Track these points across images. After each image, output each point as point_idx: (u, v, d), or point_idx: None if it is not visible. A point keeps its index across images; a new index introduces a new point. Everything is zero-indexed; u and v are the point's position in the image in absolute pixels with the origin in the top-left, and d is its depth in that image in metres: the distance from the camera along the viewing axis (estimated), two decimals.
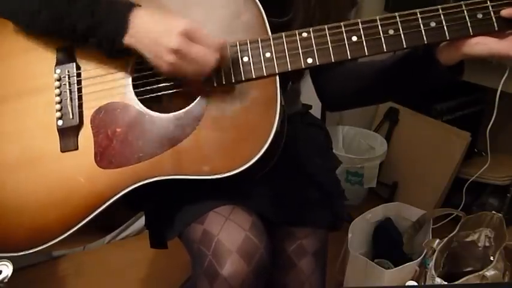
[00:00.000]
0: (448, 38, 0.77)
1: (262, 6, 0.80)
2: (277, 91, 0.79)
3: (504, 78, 1.64)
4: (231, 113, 0.80)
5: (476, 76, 1.72)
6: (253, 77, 0.80)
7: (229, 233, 0.81)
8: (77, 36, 0.79)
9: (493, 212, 1.45)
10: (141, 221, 1.80)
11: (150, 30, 0.76)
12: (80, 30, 0.78)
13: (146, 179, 0.80)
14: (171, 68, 0.76)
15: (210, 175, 0.79)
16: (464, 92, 2.01)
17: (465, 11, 0.76)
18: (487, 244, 1.45)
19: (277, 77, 0.80)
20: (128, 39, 0.76)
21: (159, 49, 0.75)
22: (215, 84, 0.80)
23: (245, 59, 0.80)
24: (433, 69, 0.82)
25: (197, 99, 0.82)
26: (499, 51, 0.75)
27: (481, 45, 0.76)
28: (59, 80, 0.85)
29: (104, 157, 0.82)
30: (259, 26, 0.80)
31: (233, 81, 0.80)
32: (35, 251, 0.82)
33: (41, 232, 0.82)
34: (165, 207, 0.92)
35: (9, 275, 0.79)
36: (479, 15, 0.76)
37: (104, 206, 0.81)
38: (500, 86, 1.65)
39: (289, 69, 0.79)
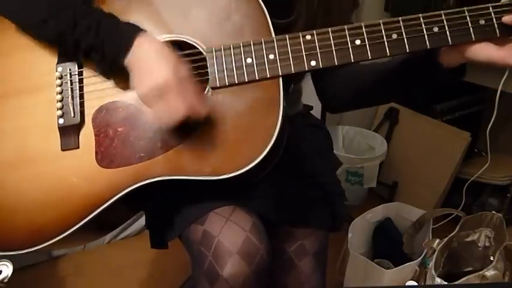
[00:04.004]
0: (450, 43, 0.77)
1: (265, 7, 0.80)
2: (279, 93, 0.79)
3: (504, 78, 1.64)
4: (234, 114, 0.80)
5: (476, 76, 1.72)
6: (256, 78, 0.79)
7: (229, 234, 0.81)
8: (79, 51, 0.80)
9: (493, 212, 1.45)
10: (141, 221, 1.80)
11: (141, 65, 0.77)
12: (84, 46, 0.79)
13: (147, 179, 0.80)
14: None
15: (211, 176, 0.79)
16: (464, 92, 2.02)
17: (468, 17, 0.76)
18: (487, 244, 1.46)
19: (280, 79, 0.80)
20: (128, 62, 0.77)
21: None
22: (218, 85, 0.80)
23: (248, 60, 0.80)
24: (435, 71, 0.82)
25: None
26: (496, 59, 0.75)
27: (481, 52, 0.75)
28: (61, 78, 0.85)
29: (105, 156, 0.82)
30: (263, 28, 0.80)
31: (236, 82, 0.80)
32: (34, 250, 0.82)
33: (40, 231, 0.82)
34: (166, 208, 0.92)
35: (9, 275, 0.79)
36: (482, 21, 0.76)
37: (103, 206, 0.80)
38: (500, 86, 1.65)
39: (293, 72, 0.79)
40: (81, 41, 0.79)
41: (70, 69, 0.84)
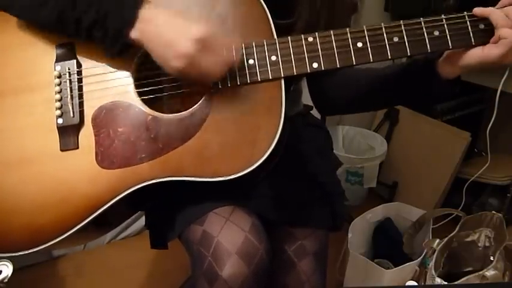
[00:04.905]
0: (450, 47, 0.78)
1: (266, 7, 0.80)
2: (281, 93, 0.79)
3: (504, 78, 1.64)
4: (235, 115, 0.80)
5: (476, 76, 1.72)
6: (259, 80, 0.80)
7: (229, 234, 0.81)
8: (82, 30, 0.78)
9: (493, 212, 1.45)
10: (141, 221, 1.80)
11: (162, 30, 0.74)
12: (86, 23, 0.76)
13: (148, 180, 0.80)
14: (176, 73, 0.75)
15: (212, 177, 0.79)
16: (464, 92, 2.01)
17: (468, 22, 0.77)
18: (487, 244, 1.45)
19: (282, 80, 0.80)
20: (135, 34, 0.75)
21: (169, 52, 0.73)
22: (220, 86, 0.80)
23: (251, 61, 0.80)
24: (433, 82, 0.84)
25: (201, 100, 0.82)
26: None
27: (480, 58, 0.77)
28: (59, 77, 0.84)
29: (105, 157, 0.82)
30: (265, 29, 0.80)
31: (238, 83, 0.80)
32: (34, 251, 0.81)
33: (40, 233, 0.81)
34: (166, 208, 0.92)
35: (9, 275, 0.79)
36: (481, 26, 0.77)
37: (104, 208, 0.80)
38: (500, 86, 1.65)
39: (295, 73, 0.79)
40: (82, 18, 0.76)
41: (69, 68, 0.84)
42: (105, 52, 0.80)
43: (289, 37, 0.80)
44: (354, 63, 0.79)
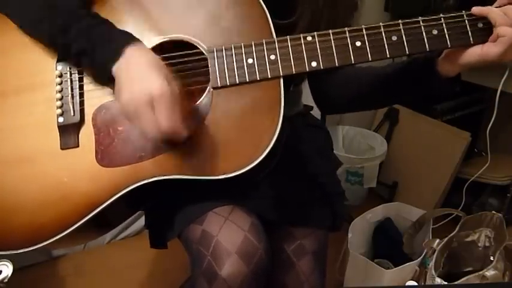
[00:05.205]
0: (449, 46, 0.78)
1: (266, 7, 0.81)
2: (280, 93, 0.80)
3: (504, 78, 1.64)
4: (235, 114, 0.80)
5: (476, 76, 1.72)
6: (258, 78, 0.80)
7: (228, 234, 0.81)
8: (70, 55, 0.80)
9: (493, 212, 1.45)
10: (141, 221, 1.80)
11: (133, 69, 0.74)
12: (75, 50, 0.78)
13: (147, 178, 0.80)
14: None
15: (211, 176, 0.79)
16: (464, 92, 2.01)
17: (466, 21, 0.77)
18: (487, 244, 1.46)
19: (281, 79, 0.80)
20: (116, 69, 0.75)
21: (126, 86, 0.74)
22: (219, 85, 0.80)
23: (250, 60, 0.80)
24: (432, 80, 0.84)
25: (201, 99, 0.82)
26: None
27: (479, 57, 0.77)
28: (60, 76, 0.84)
29: (105, 155, 0.82)
30: (264, 28, 0.81)
31: (237, 82, 0.80)
32: (33, 249, 0.81)
33: (40, 230, 0.81)
34: (165, 207, 0.92)
35: (9, 275, 0.79)
36: (480, 25, 0.77)
37: (103, 205, 0.80)
38: (500, 86, 1.65)
39: (294, 72, 0.80)
40: (72, 45, 0.78)
41: (70, 68, 0.84)
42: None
43: (288, 36, 0.80)
44: (353, 62, 0.79)
